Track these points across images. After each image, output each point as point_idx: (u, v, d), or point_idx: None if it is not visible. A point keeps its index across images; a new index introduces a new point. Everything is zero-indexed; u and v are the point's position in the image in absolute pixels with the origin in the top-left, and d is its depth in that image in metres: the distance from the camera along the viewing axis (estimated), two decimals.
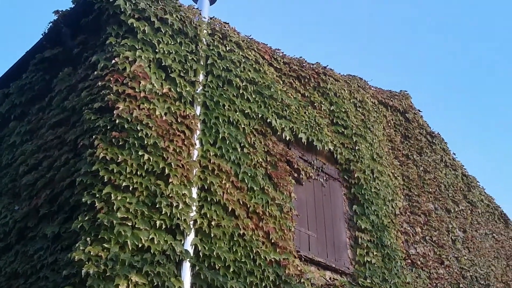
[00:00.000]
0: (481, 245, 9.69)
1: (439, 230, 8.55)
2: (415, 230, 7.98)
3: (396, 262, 6.98)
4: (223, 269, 4.52)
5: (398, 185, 8.04)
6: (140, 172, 4.24)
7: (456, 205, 9.51)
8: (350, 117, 7.44)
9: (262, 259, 4.95)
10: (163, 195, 4.29)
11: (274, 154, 5.80)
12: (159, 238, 4.11)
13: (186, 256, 4.25)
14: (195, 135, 4.90)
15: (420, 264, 7.64)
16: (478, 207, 10.34)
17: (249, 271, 4.76)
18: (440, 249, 8.30)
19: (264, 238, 5.13)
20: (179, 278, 4.14)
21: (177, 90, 4.86)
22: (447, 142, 10.12)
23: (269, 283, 4.89)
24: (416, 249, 7.78)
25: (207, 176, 4.79)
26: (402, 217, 7.83)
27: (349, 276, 6.24)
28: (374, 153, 7.65)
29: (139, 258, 3.93)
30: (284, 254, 5.23)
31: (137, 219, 4.06)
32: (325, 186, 6.70)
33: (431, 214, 8.58)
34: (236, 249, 4.73)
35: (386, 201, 7.43)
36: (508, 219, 11.38)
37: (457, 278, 8.35)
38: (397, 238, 7.37)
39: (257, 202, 5.22)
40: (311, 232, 6.09)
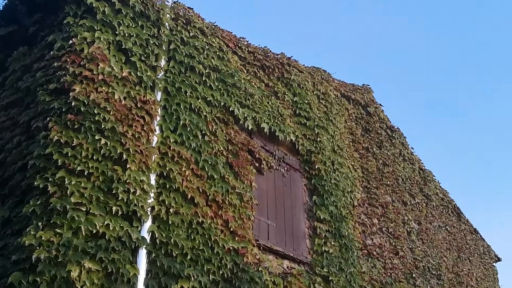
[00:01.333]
0: (434, 237, 10.01)
1: (395, 221, 8.76)
2: (372, 222, 8.15)
3: (352, 252, 7.12)
4: (180, 256, 4.48)
5: (358, 177, 8.19)
6: (96, 156, 4.14)
7: (412, 198, 9.78)
8: (313, 109, 7.50)
9: (221, 247, 4.94)
10: (120, 181, 4.20)
11: (235, 143, 5.78)
12: (115, 224, 4.03)
13: (142, 243, 4.19)
14: (155, 121, 4.82)
15: (376, 254, 7.82)
16: (433, 201, 10.67)
17: (206, 259, 4.74)
18: (395, 240, 8.52)
19: (223, 226, 5.12)
20: (135, 265, 4.08)
21: (137, 74, 4.76)
22: (406, 136, 10.37)
23: (226, 271, 4.89)
24: (372, 239, 7.96)
25: (166, 163, 4.72)
26: (360, 209, 7.98)
27: (306, 265, 6.31)
28: (335, 145, 7.75)
29: (93, 244, 3.84)
30: (243, 243, 5.24)
31: (92, 204, 3.96)
32: (286, 177, 6.75)
33: (388, 206, 8.79)
34: (194, 236, 4.70)
35: (345, 192, 7.55)
36: (460, 212, 11.79)
37: (410, 268, 8.60)
38: (354, 228, 7.52)
39: (217, 191, 5.19)
40: (270, 221, 6.12)
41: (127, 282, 3.94)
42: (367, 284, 7.21)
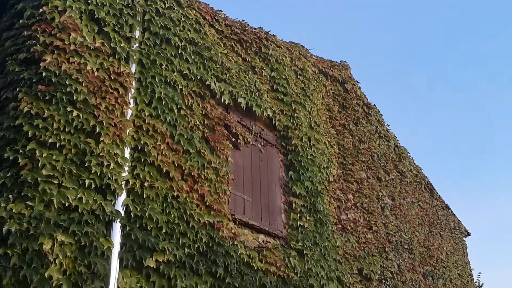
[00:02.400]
0: (407, 212, 10.23)
1: (369, 197, 8.91)
2: (347, 197, 8.27)
3: (327, 227, 7.23)
4: (155, 230, 4.47)
5: (334, 153, 8.26)
6: (68, 129, 4.06)
7: (387, 174, 9.93)
8: (290, 85, 7.48)
9: (196, 221, 4.95)
10: (93, 154, 4.14)
11: (212, 118, 5.74)
12: (88, 197, 3.99)
13: (116, 216, 4.16)
14: (130, 93, 4.74)
15: (350, 229, 7.96)
16: (407, 177, 10.87)
17: (182, 233, 4.75)
18: (369, 215, 8.67)
19: (199, 200, 5.12)
20: (109, 238, 4.06)
21: (110, 45, 4.65)
22: (382, 113, 10.47)
23: (202, 244, 4.92)
24: (347, 215, 8.08)
25: (141, 136, 4.67)
26: (336, 184, 8.08)
27: (282, 239, 6.39)
28: (312, 121, 7.78)
29: (66, 217, 3.80)
30: (218, 217, 5.25)
31: (64, 177, 3.90)
32: (263, 152, 6.76)
33: (363, 182, 8.91)
34: (169, 210, 4.70)
35: (321, 168, 7.62)
36: (433, 188, 12.06)
37: (383, 242, 8.80)
38: (329, 204, 7.62)
39: (192, 165, 5.17)
40: (246, 196, 6.15)
41: (101, 255, 3.93)
42: (341, 258, 7.36)
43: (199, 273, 4.79)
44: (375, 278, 8.06)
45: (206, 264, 4.90)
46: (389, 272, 8.59)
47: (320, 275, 6.63)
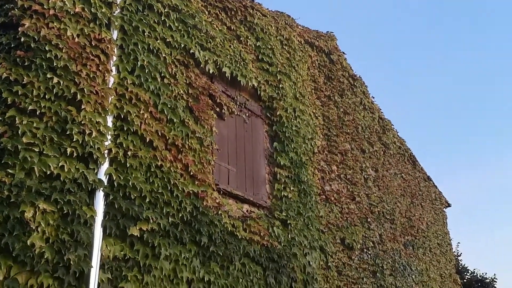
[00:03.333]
0: (390, 183, 10.37)
1: (353, 169, 9.00)
2: (331, 168, 8.34)
3: (311, 197, 7.30)
4: (138, 199, 4.46)
5: (318, 124, 8.27)
6: (49, 96, 3.97)
7: (371, 146, 10.01)
8: (276, 55, 7.41)
9: (180, 191, 4.94)
10: (74, 122, 4.08)
11: (196, 87, 5.67)
12: (70, 165, 3.94)
13: (99, 185, 4.13)
14: (111, 61, 4.64)
15: (334, 199, 8.06)
16: (390, 149, 10.97)
17: (166, 202, 4.75)
18: (353, 186, 8.78)
19: (183, 170, 5.11)
20: (92, 207, 4.03)
21: (91, 10, 4.52)
22: (367, 85, 10.47)
23: (186, 214, 4.93)
24: (331, 185, 8.17)
25: (123, 105, 4.60)
26: (320, 156, 8.12)
27: (266, 209, 6.44)
28: (297, 92, 7.75)
29: (48, 186, 3.76)
30: (203, 187, 5.26)
31: (45, 145, 3.84)
32: (247, 123, 6.74)
33: (347, 153, 8.98)
34: (153, 180, 4.68)
35: (305, 139, 7.64)
36: (416, 160, 12.21)
37: (366, 213, 8.94)
38: (313, 175, 7.67)
39: (176, 135, 5.13)
40: (231, 166, 6.15)
41: (84, 223, 3.91)
42: (324, 228, 7.47)
43: (183, 241, 4.82)
44: (357, 247, 8.22)
45: (190, 233, 4.93)
46: (370, 241, 8.76)
47: (303, 244, 6.73)
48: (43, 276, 3.55)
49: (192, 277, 4.80)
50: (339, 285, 7.45)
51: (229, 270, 5.29)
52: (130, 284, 4.15)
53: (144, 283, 4.29)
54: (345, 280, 7.63)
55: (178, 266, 4.68)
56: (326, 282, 7.11)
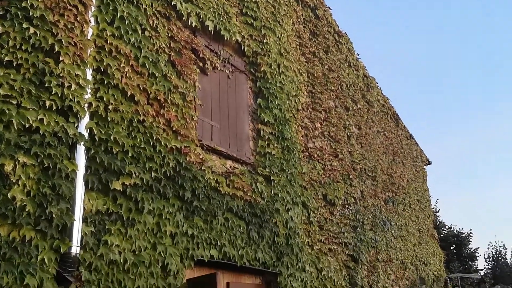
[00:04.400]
0: (372, 141, 10.48)
1: (337, 126, 9.04)
2: (315, 126, 8.36)
3: (294, 154, 7.35)
4: (121, 153, 4.43)
5: (303, 81, 8.22)
6: (26, 47, 3.84)
7: (354, 104, 10.03)
8: (260, 9, 7.25)
9: (163, 146, 4.92)
10: (52, 74, 3.97)
11: (178, 41, 5.55)
12: (49, 119, 3.87)
13: (80, 139, 4.08)
14: (90, 11, 4.48)
15: (317, 156, 8.12)
16: (374, 107, 11.02)
17: (148, 157, 4.73)
18: (336, 143, 8.84)
19: (165, 125, 5.06)
20: (73, 161, 3.99)
21: None
22: (352, 42, 10.38)
23: (169, 169, 4.93)
24: (314, 143, 8.21)
25: (103, 57, 4.49)
26: (304, 113, 8.12)
27: (249, 166, 6.47)
28: (281, 47, 7.65)
29: (27, 139, 3.70)
30: (186, 142, 5.24)
31: (23, 97, 3.75)
32: (231, 78, 6.66)
33: (331, 111, 8.99)
34: (135, 134, 4.64)
35: (289, 96, 7.61)
36: (399, 118, 12.31)
37: (348, 170, 9.05)
38: (297, 132, 7.69)
39: (158, 89, 5.06)
40: (214, 122, 6.12)
41: (66, 177, 3.89)
42: (306, 184, 7.56)
43: (167, 196, 4.84)
44: (338, 203, 8.37)
45: (173, 188, 4.94)
46: (352, 197, 8.92)
47: (286, 200, 6.82)
48: (25, 229, 3.55)
49: (176, 231, 4.85)
50: (321, 239, 7.62)
51: (212, 224, 5.36)
52: (113, 237, 4.18)
53: (128, 237, 4.33)
54: (326, 235, 7.81)
55: (161, 220, 4.72)
56: (308, 236, 7.27)
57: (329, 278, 7.40)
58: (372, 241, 9.24)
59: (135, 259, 4.32)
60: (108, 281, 4.05)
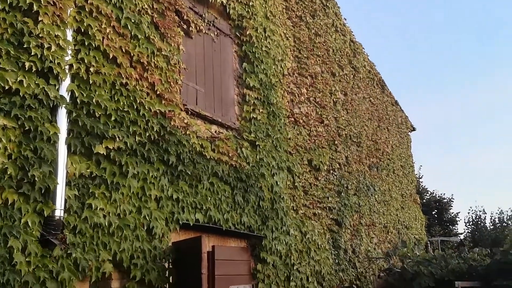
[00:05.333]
0: (358, 107, 10.50)
1: (323, 92, 9.01)
2: (300, 91, 8.32)
3: (280, 120, 7.34)
4: (103, 117, 4.37)
5: (289, 45, 8.13)
6: (2, 6, 3.72)
7: (341, 70, 9.99)
8: None
9: (147, 110, 4.86)
10: (31, 35, 3.86)
11: (161, 2, 5.41)
12: (29, 81, 3.78)
13: (61, 102, 4.00)
14: None
15: (302, 122, 8.13)
16: (360, 73, 10.99)
17: (132, 121, 4.67)
18: (321, 109, 8.84)
19: (149, 89, 4.99)
20: (54, 124, 3.93)
21: None
22: (340, 6, 10.24)
23: (153, 133, 4.89)
24: (300, 108, 8.20)
25: (84, 18, 4.36)
26: (290, 78, 8.07)
27: (234, 131, 6.45)
28: (268, 11, 7.51)
29: (7, 101, 3.63)
30: (170, 107, 5.18)
31: (2, 58, 3.65)
32: (216, 42, 6.55)
33: (317, 76, 8.95)
34: (118, 98, 4.57)
35: (275, 60, 7.54)
36: (384, 85, 12.32)
37: (333, 136, 9.10)
38: (283, 97, 7.66)
39: (141, 52, 4.96)
40: (199, 86, 6.05)
41: (47, 140, 3.83)
42: (292, 149, 7.59)
43: (151, 160, 4.82)
44: (323, 168, 8.44)
45: (158, 152, 4.92)
46: (337, 163, 9.00)
47: (271, 165, 6.85)
48: (7, 192, 3.52)
49: (161, 195, 4.86)
50: (305, 203, 7.72)
51: (197, 188, 5.37)
52: (98, 200, 4.17)
53: (112, 200, 4.32)
54: (311, 199, 7.91)
55: (146, 184, 4.71)
56: (292, 201, 7.35)
57: (313, 241, 7.53)
58: (355, 206, 9.39)
59: (120, 223, 4.33)
60: (93, 244, 4.06)
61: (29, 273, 3.53)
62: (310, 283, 7.16)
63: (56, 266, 3.72)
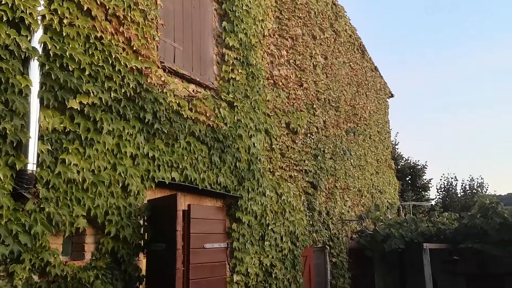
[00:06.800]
0: (338, 72, 10.49)
1: (303, 55, 8.95)
2: (281, 53, 8.25)
3: (259, 81, 7.29)
4: (77, 71, 4.27)
5: (270, 6, 8.00)
6: None
7: (322, 33, 9.90)
8: None
9: (122, 66, 4.76)
10: None
11: None
12: (0, 31, 3.64)
13: (33, 54, 3.88)
14: None
15: (281, 84, 8.10)
16: (341, 37, 10.91)
17: (107, 76, 4.58)
18: (301, 72, 8.81)
19: (125, 44, 4.88)
20: (26, 76, 3.82)
21: None
22: None
23: (129, 90, 4.81)
24: (279, 70, 8.15)
25: None
26: (270, 39, 7.98)
27: (212, 91, 6.40)
28: None
29: None
30: (147, 63, 5.08)
31: None
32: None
33: (298, 39, 8.86)
34: (93, 52, 4.45)
35: (256, 20, 7.42)
36: (365, 50, 12.29)
37: (312, 99, 9.10)
38: (262, 58, 7.59)
39: (117, 5, 4.81)
40: (176, 44, 5.94)
41: (19, 93, 3.73)
42: (270, 112, 7.58)
43: (127, 117, 4.76)
44: (301, 132, 8.49)
45: (133, 110, 4.86)
46: (315, 127, 9.05)
47: (249, 126, 6.85)
48: None
49: (136, 153, 4.83)
50: (282, 166, 7.79)
51: (174, 147, 5.35)
52: (71, 156, 4.12)
53: (87, 156, 4.28)
54: (288, 162, 7.98)
55: (121, 141, 4.67)
56: (269, 163, 7.41)
57: (288, 203, 7.65)
58: (331, 169, 9.52)
59: (94, 179, 4.30)
60: (66, 199, 4.04)
61: (1, 226, 3.51)
62: (284, 243, 7.32)
63: (28, 220, 3.70)
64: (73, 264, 4.11)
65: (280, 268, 7.10)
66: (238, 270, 6.24)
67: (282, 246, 7.25)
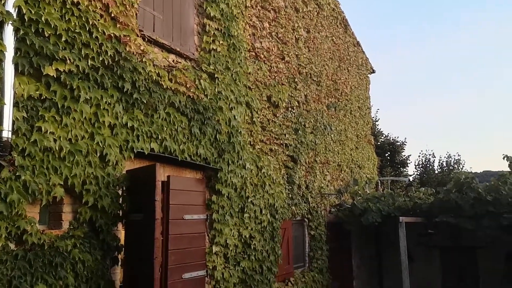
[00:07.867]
0: (320, 46, 10.44)
1: (285, 28, 8.87)
2: (263, 25, 8.16)
3: (240, 53, 7.22)
4: (53, 37, 4.16)
5: None
6: None
7: (305, 6, 9.81)
8: None
9: (100, 33, 4.65)
10: None
11: None
12: None
13: (8, 18, 3.76)
14: None
15: (263, 57, 8.03)
16: (324, 10, 10.83)
17: (84, 43, 4.47)
18: (283, 45, 8.74)
19: (103, 11, 4.75)
20: (0, 41, 3.71)
21: None
22: None
23: (107, 58, 4.71)
24: (261, 43, 8.07)
25: None
26: (252, 11, 7.87)
27: (193, 61, 6.31)
28: None
29: None
30: (125, 31, 4.97)
31: None
32: None
33: (281, 11, 8.76)
34: (69, 18, 4.33)
35: None
36: (348, 25, 12.24)
37: (294, 73, 9.07)
38: (244, 30, 7.50)
39: None
40: (156, 12, 5.81)
41: None
42: (251, 84, 7.54)
43: (105, 86, 4.67)
44: (282, 105, 8.48)
45: (112, 78, 4.77)
46: (296, 101, 9.05)
47: (230, 98, 6.81)
48: None
49: (115, 122, 4.77)
50: (262, 139, 7.79)
51: (153, 118, 5.30)
52: (48, 124, 4.05)
53: (64, 125, 4.21)
54: (268, 135, 7.99)
55: (99, 111, 4.60)
56: (250, 136, 7.41)
57: (268, 176, 7.69)
58: (312, 144, 9.58)
59: (71, 148, 4.24)
60: (43, 168, 3.98)
61: None
62: (264, 215, 7.38)
63: (4, 187, 3.65)
64: (50, 233, 4.09)
65: (259, 240, 7.18)
66: (217, 241, 6.29)
67: (261, 219, 7.32)
